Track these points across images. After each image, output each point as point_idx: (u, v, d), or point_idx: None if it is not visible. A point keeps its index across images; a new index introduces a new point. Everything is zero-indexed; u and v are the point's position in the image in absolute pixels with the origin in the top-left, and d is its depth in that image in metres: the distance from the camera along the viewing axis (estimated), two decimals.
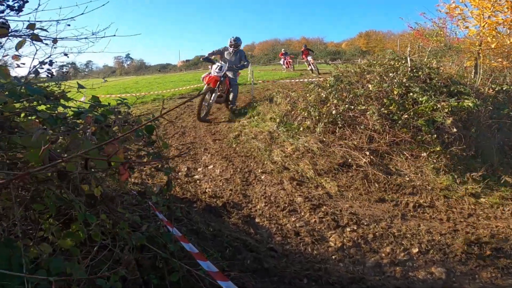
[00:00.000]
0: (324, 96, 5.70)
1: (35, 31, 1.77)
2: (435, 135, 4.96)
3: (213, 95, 6.88)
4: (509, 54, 8.74)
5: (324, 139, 5.14)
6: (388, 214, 3.80)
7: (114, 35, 2.04)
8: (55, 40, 1.85)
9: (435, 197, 4.30)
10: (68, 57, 2.10)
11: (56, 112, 1.78)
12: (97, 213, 1.89)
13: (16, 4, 1.93)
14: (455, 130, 4.92)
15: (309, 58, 17.11)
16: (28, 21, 1.83)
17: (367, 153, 4.85)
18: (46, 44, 1.81)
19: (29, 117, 1.70)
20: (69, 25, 1.91)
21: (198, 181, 4.19)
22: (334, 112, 5.29)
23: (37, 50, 1.88)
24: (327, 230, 3.35)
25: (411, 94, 5.40)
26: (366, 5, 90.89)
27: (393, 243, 3.34)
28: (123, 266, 1.54)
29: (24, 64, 1.95)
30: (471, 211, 4.16)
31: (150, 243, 2.04)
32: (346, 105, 5.35)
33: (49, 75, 2.01)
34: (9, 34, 1.82)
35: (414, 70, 6.12)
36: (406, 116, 5.09)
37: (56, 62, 2.04)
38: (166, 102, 8.94)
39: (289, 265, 2.66)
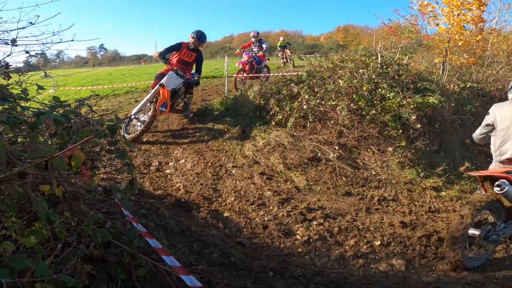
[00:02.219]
0: (296, 91, 5.81)
1: None
2: (401, 131, 5.18)
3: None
4: (475, 51, 9.08)
5: (295, 133, 5.26)
6: (353, 208, 3.96)
7: (72, 40, 2.03)
8: (14, 41, 1.83)
9: (399, 191, 4.50)
10: (30, 54, 2.08)
11: (15, 113, 1.77)
12: (61, 211, 1.90)
13: None
14: (419, 126, 5.14)
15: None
16: None
17: (336, 147, 5.00)
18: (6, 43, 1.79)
19: None
20: (31, 23, 1.89)
21: (169, 175, 4.22)
22: (305, 107, 5.41)
23: None
24: (295, 223, 3.47)
25: (379, 90, 5.59)
26: None
27: (357, 236, 3.49)
28: (70, 271, 1.57)
29: None
30: (432, 204, 4.38)
31: (117, 239, 2.07)
32: (317, 100, 5.48)
33: (6, 78, 1.99)
34: None
35: (384, 67, 6.31)
36: (374, 111, 5.27)
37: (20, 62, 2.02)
38: (140, 95, 8.81)
39: (256, 259, 2.76)
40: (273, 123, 5.54)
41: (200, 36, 6.20)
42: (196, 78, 6.27)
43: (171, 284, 1.96)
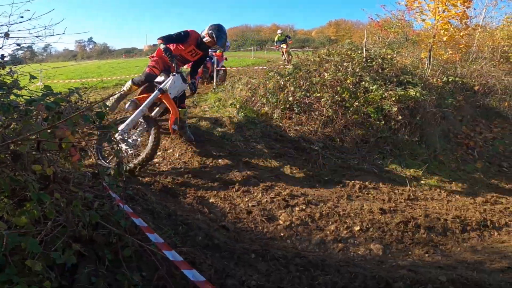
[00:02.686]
0: (282, 83, 5.95)
1: None
2: (383, 122, 5.35)
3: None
4: (460, 47, 9.27)
5: (281, 124, 5.40)
6: (335, 195, 4.11)
7: (63, 33, 2.13)
8: (6, 34, 1.93)
9: (380, 180, 4.68)
10: (21, 47, 2.18)
11: (8, 100, 1.87)
12: (51, 192, 2.00)
13: None
14: (400, 117, 5.32)
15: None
16: None
17: (321, 137, 5.16)
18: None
19: None
20: (22, 17, 1.99)
21: (157, 164, 4.32)
22: (291, 98, 5.56)
23: None
24: (278, 209, 3.61)
25: (363, 83, 5.75)
26: None
27: (338, 221, 3.63)
28: (59, 249, 1.68)
29: None
30: (412, 193, 4.55)
31: (105, 221, 2.18)
32: (303, 92, 5.63)
33: (1, 67, 2.09)
34: None
35: (369, 60, 6.47)
36: (357, 103, 5.45)
37: (7, 55, 2.11)
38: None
39: (239, 242, 2.89)
40: (260, 114, 5.67)
41: (218, 38, 4.59)
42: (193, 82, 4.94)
43: (156, 263, 2.08)
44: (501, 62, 11.30)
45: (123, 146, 3.93)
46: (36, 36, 2.34)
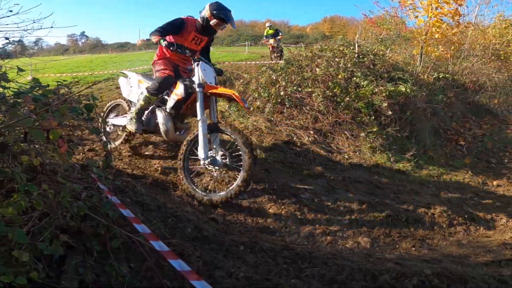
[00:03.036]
0: (274, 78, 5.97)
1: None
2: (373, 117, 5.42)
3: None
4: (451, 44, 9.35)
5: (272, 118, 5.44)
6: (325, 188, 4.16)
7: (52, 27, 2.14)
8: None
9: (369, 174, 4.73)
10: (9, 40, 2.17)
11: None
12: (38, 184, 2.00)
13: None
14: (390, 112, 5.38)
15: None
16: None
17: (311, 132, 5.20)
18: None
19: None
20: (11, 11, 1.99)
21: (148, 158, 4.32)
22: (282, 93, 5.59)
23: None
24: (267, 202, 3.63)
25: (354, 78, 5.79)
26: None
27: (327, 214, 3.69)
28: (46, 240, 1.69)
29: None
30: (400, 187, 4.62)
31: (93, 212, 2.19)
32: (294, 87, 5.67)
33: None
34: None
35: (361, 56, 6.52)
36: (348, 98, 5.50)
37: None
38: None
39: (228, 234, 2.92)
40: (252, 108, 5.69)
41: (227, 16, 3.91)
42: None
43: (145, 254, 2.10)
44: (492, 60, 11.43)
45: (214, 172, 3.62)
46: (25, 30, 2.33)
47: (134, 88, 4.19)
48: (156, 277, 2.04)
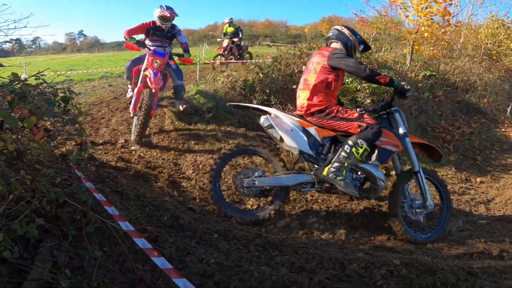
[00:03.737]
0: (261, 75, 6.07)
1: None
2: None
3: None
4: (440, 43, 9.46)
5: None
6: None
7: (25, 26, 2.25)
8: None
9: None
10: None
11: None
12: (17, 170, 2.11)
13: None
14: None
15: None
16: None
17: None
18: None
19: None
20: None
21: (133, 151, 4.42)
22: (268, 90, 5.69)
23: None
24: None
25: None
26: None
27: (304, 207, 3.79)
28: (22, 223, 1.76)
29: None
30: None
31: (71, 199, 2.29)
32: (280, 84, 5.76)
33: None
34: None
35: None
36: None
37: None
38: (114, 80, 8.95)
39: (204, 223, 3.01)
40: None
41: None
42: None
43: (118, 239, 2.20)
44: (483, 59, 11.53)
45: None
46: (6, 27, 2.44)
47: None
48: (128, 261, 2.14)
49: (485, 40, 11.90)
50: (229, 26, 11.74)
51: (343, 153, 3.21)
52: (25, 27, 2.30)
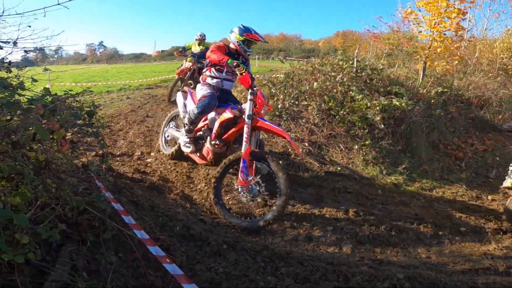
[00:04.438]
0: (274, 91, 6.24)
1: None
2: (367, 130, 5.60)
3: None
4: (453, 58, 9.45)
5: None
6: (313, 197, 4.35)
7: (60, 46, 2.46)
8: (15, 42, 2.26)
9: (360, 185, 4.90)
10: (28, 53, 2.51)
11: (13, 99, 2.20)
12: (43, 178, 2.29)
13: None
14: (382, 126, 5.56)
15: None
16: None
17: (307, 144, 5.42)
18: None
19: None
20: (29, 26, 2.32)
21: (149, 164, 4.62)
22: (280, 106, 5.85)
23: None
24: (256, 208, 3.86)
25: (350, 92, 6.01)
26: (347, 4, 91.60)
27: (312, 221, 3.85)
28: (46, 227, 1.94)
29: None
30: (389, 198, 4.74)
31: (91, 207, 2.46)
32: (292, 101, 5.91)
33: (8, 71, 2.42)
34: None
35: (359, 71, 6.74)
36: (343, 112, 5.71)
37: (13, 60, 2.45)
38: (132, 93, 9.27)
39: (214, 234, 3.14)
40: None
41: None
42: None
43: (133, 246, 2.35)
44: (499, 74, 11.38)
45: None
46: (40, 43, 2.67)
47: None
48: (141, 267, 2.28)
49: (500, 55, 11.75)
50: (199, 44, 8.94)
51: None
52: (60, 46, 2.50)
